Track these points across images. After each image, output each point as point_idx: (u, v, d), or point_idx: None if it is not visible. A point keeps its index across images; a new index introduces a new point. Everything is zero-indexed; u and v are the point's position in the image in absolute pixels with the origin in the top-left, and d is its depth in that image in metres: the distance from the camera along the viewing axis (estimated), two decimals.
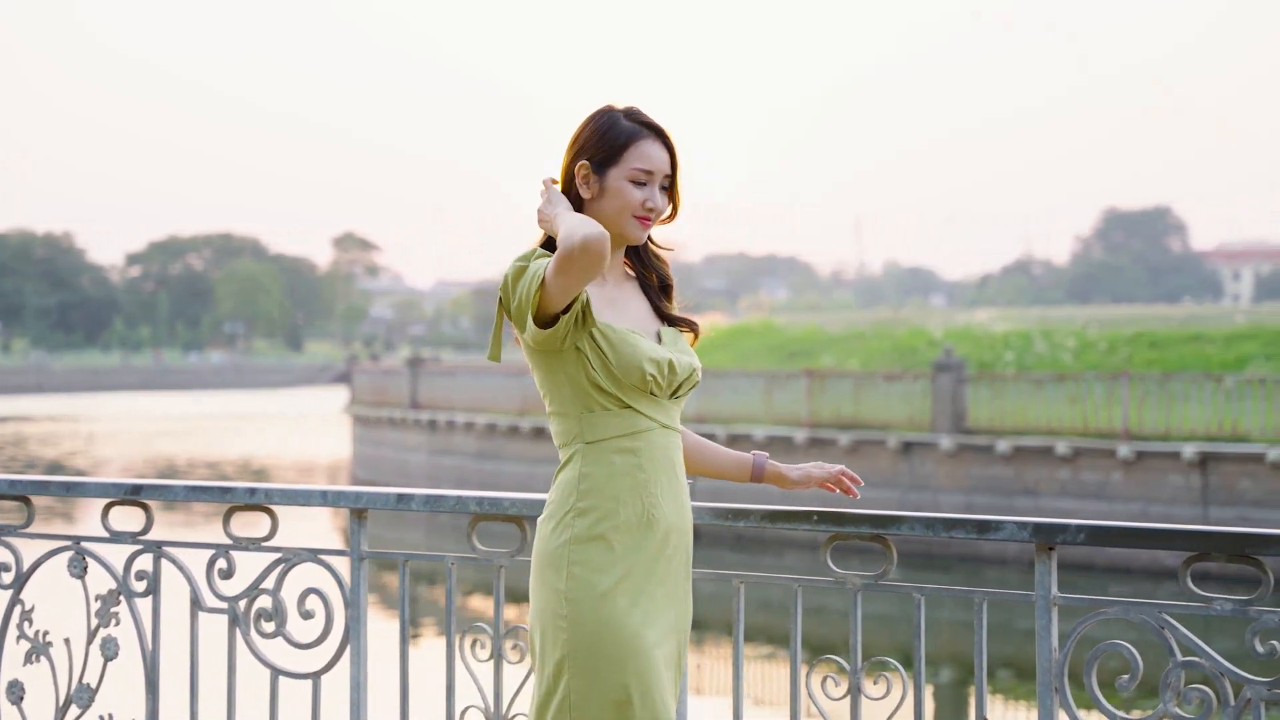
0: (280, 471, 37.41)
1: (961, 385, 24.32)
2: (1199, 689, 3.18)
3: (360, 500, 3.90)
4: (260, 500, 4.00)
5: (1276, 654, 3.11)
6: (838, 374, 26.50)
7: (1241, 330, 28.54)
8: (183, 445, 44.91)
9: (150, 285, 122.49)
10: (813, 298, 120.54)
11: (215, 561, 4.03)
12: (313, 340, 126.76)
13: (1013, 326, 32.87)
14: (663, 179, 3.20)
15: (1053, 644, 3.31)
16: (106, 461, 39.65)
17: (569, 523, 3.10)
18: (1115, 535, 3.24)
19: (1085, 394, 23.37)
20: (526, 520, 3.76)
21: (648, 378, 3.10)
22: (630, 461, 3.11)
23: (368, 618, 3.93)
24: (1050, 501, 23.11)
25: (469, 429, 31.60)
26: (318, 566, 3.98)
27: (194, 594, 4.08)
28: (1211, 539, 3.15)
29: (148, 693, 4.13)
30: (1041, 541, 3.31)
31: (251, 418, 60.89)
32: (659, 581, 3.12)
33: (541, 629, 3.09)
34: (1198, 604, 3.18)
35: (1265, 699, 3.13)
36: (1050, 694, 3.31)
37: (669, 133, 3.22)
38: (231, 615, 4.03)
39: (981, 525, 3.36)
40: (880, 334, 32.87)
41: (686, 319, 3.32)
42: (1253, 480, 21.35)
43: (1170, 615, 3.22)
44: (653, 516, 3.11)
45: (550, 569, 3.09)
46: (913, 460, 24.48)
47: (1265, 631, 3.12)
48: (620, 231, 3.20)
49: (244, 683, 4.09)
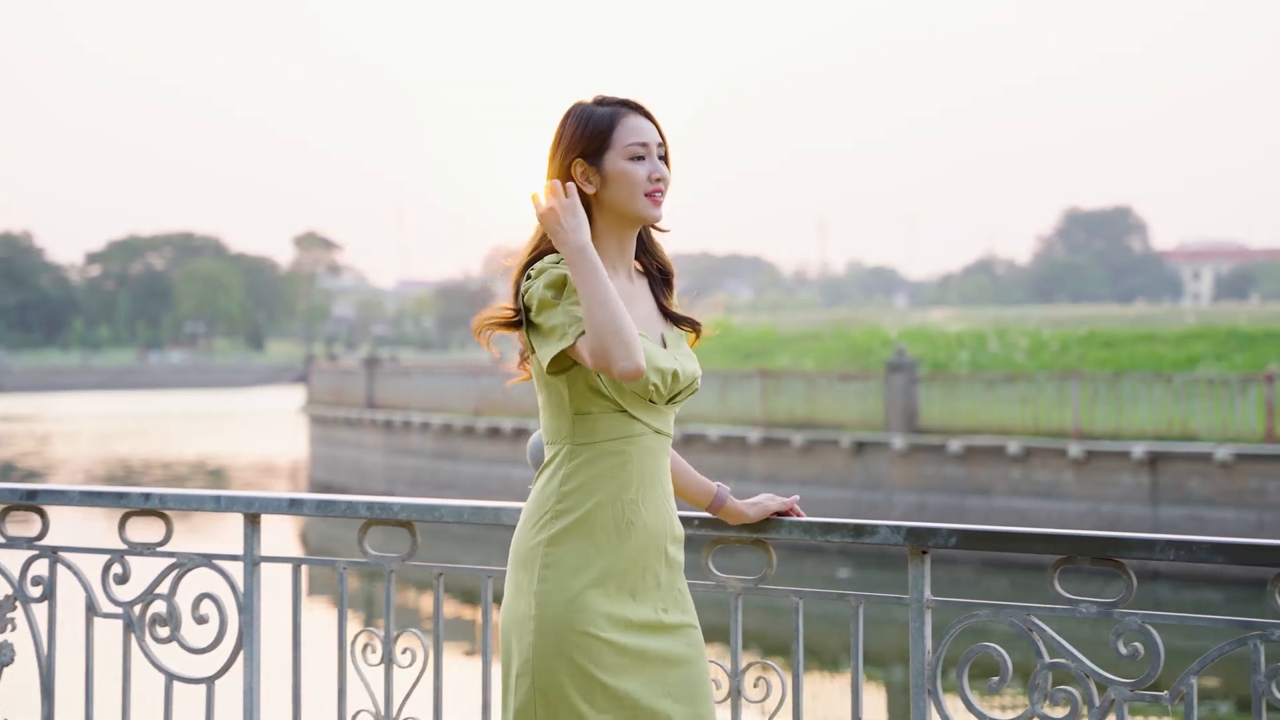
0: (237, 472, 37.30)
1: (914, 385, 24.44)
2: (1066, 690, 3.23)
3: (253, 505, 3.92)
4: (155, 505, 4.02)
5: (1139, 655, 3.17)
6: (792, 374, 26.60)
7: (1193, 330, 28.78)
8: (139, 446, 44.70)
9: (110, 284, 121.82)
10: (776, 297, 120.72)
11: (111, 567, 4.04)
12: (275, 340, 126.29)
13: (968, 326, 33.05)
14: (658, 149, 3.14)
15: (926, 646, 3.36)
16: (61, 462, 39.43)
17: (545, 523, 3.04)
18: (985, 539, 3.29)
19: (1037, 394, 23.51)
20: (417, 524, 3.79)
21: (650, 386, 3.05)
22: (616, 464, 3.04)
23: (261, 622, 3.95)
24: (1002, 501, 23.25)
25: (425, 429, 31.59)
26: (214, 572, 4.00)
27: (89, 599, 4.09)
28: (1076, 542, 3.20)
29: (43, 699, 4.14)
30: (914, 545, 3.36)
31: (211, 417, 60.66)
32: (637, 588, 3.04)
33: (509, 629, 3.03)
34: (1064, 606, 3.24)
35: (1128, 700, 3.19)
36: (924, 695, 3.36)
37: (645, 104, 3.17)
38: (126, 621, 4.05)
39: (857, 529, 3.40)
40: (836, 334, 33.01)
41: (690, 319, 3.25)
42: (1202, 479, 21.53)
43: (1038, 617, 3.27)
44: (630, 522, 3.04)
45: (522, 570, 3.03)
46: (866, 460, 24.58)
47: (1129, 634, 3.17)
48: (636, 213, 3.12)
49: (139, 688, 4.10)
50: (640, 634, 3.03)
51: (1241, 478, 21.15)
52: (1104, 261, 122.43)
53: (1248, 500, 21.04)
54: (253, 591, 3.93)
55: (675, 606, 3.11)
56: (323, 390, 38.18)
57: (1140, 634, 3.17)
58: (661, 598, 3.09)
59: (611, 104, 3.14)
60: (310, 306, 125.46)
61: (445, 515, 3.75)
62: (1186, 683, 3.14)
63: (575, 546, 3.01)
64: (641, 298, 3.19)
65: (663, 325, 3.21)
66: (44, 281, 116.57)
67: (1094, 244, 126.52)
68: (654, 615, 3.06)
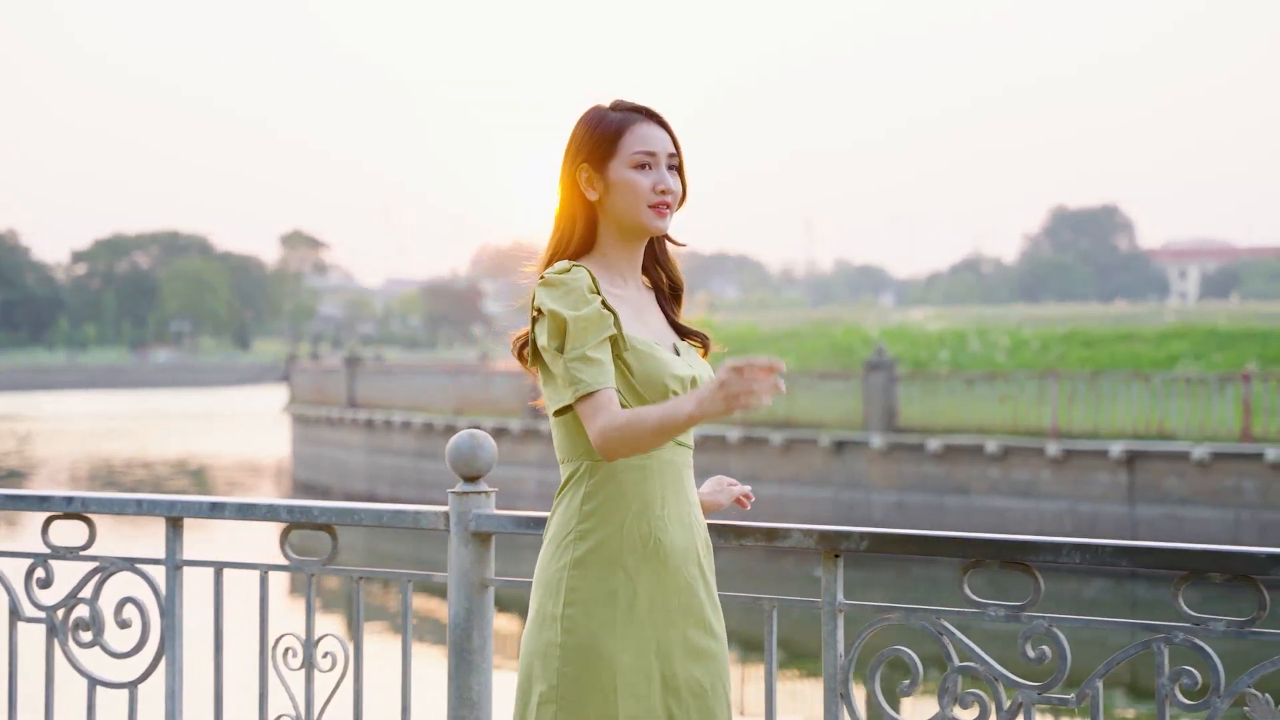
0: (219, 472, 37.23)
1: (893, 384, 24.46)
2: (975, 693, 3.23)
3: (175, 509, 3.91)
4: (77, 509, 4.01)
5: (1046, 659, 3.17)
6: None
7: (1172, 329, 28.84)
8: (121, 445, 44.62)
9: (96, 283, 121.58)
10: (762, 296, 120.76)
11: (34, 571, 4.03)
12: (261, 338, 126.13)
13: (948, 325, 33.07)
14: (668, 159, 3.04)
15: (839, 650, 3.36)
16: (41, 462, 39.35)
17: (570, 545, 2.93)
18: (894, 542, 3.29)
19: (1016, 393, 23.54)
20: (337, 528, 3.78)
21: (670, 394, 2.94)
22: (637, 479, 2.93)
23: (184, 626, 3.94)
24: (981, 500, 23.27)
25: (406, 428, 31.57)
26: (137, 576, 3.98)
27: (12, 603, 4.08)
28: (984, 546, 3.21)
29: None
30: (827, 549, 3.36)
31: (195, 417, 60.56)
32: (669, 609, 2.93)
33: (533, 656, 2.92)
34: (973, 610, 3.24)
35: (1035, 703, 3.19)
36: (836, 699, 3.35)
37: (661, 113, 3.06)
38: (50, 625, 4.04)
39: (770, 533, 3.40)
40: (817, 333, 33.01)
41: (698, 332, 3.17)
42: (1179, 478, 21.57)
43: (948, 620, 3.27)
44: (659, 540, 2.93)
45: (548, 595, 2.92)
46: (845, 459, 24.60)
47: (1035, 637, 3.18)
48: (639, 225, 3.02)
49: (62, 693, 4.09)
50: (670, 661, 2.92)
51: (1218, 477, 21.19)
52: (1090, 260, 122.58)
53: (1224, 499, 21.08)
54: (175, 595, 3.92)
55: (705, 627, 2.98)
56: (304, 389, 38.14)
57: (1047, 637, 3.17)
58: (696, 617, 2.97)
59: (625, 110, 3.04)
60: (297, 305, 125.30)
61: (365, 519, 3.75)
62: (1092, 685, 3.14)
63: (602, 570, 2.90)
64: (649, 310, 3.11)
65: (673, 336, 3.12)
66: (30, 280, 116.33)
67: (1081, 243, 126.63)
68: (684, 639, 2.95)
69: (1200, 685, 3.03)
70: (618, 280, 3.05)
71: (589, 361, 2.87)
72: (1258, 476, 20.90)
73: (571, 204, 3.04)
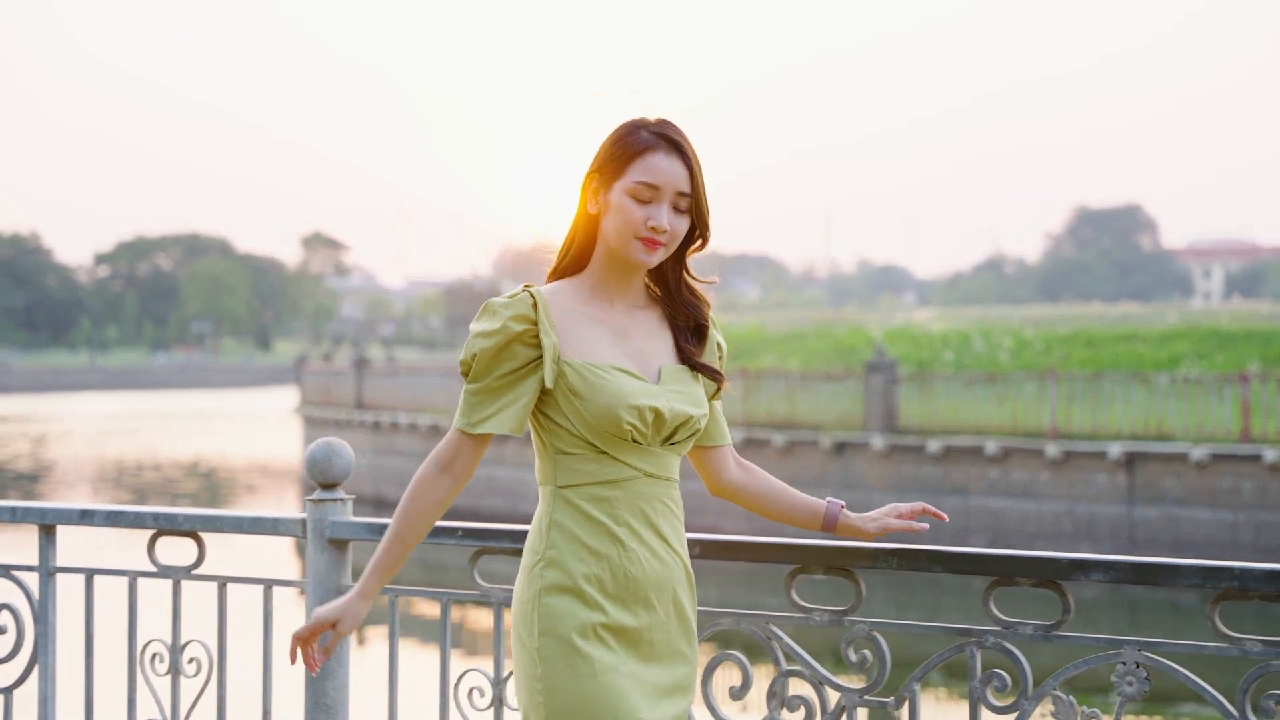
0: (231, 473, 37.40)
1: (893, 385, 24.46)
2: (801, 696, 3.28)
3: (46, 516, 3.97)
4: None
5: (868, 662, 3.22)
6: (772, 374, 26.62)
7: (1174, 330, 28.75)
8: (134, 446, 44.83)
9: (118, 285, 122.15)
10: (783, 295, 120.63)
11: None
12: (281, 339, 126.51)
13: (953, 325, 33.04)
14: (675, 198, 2.87)
15: None
16: (52, 463, 39.58)
17: (539, 573, 2.83)
18: (723, 548, 3.33)
19: (1015, 394, 23.51)
20: (202, 534, 3.85)
21: (625, 426, 2.80)
22: (604, 511, 2.82)
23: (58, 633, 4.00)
24: (979, 501, 23.26)
25: (412, 429, 31.68)
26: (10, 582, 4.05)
27: None
28: (809, 552, 3.25)
29: None
30: None
31: (211, 417, 60.80)
32: (642, 642, 2.83)
33: (521, 687, 2.84)
34: (799, 614, 3.29)
35: (858, 705, 3.24)
36: None
37: (690, 147, 2.89)
38: None
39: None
40: (821, 334, 33.01)
41: (709, 368, 2.97)
42: (1177, 479, 21.54)
43: (776, 625, 3.31)
44: (628, 573, 2.82)
45: (523, 626, 2.82)
46: (845, 460, 24.61)
47: (858, 641, 3.23)
48: (622, 253, 2.88)
49: None
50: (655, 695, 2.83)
51: (1216, 478, 21.15)
52: (1113, 260, 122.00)
53: (1222, 500, 21.05)
54: (48, 602, 3.99)
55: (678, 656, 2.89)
56: (314, 391, 38.30)
57: (868, 641, 3.22)
58: (669, 651, 2.88)
59: (654, 133, 2.88)
60: (317, 306, 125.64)
61: (226, 526, 3.82)
62: (910, 689, 3.19)
63: (571, 597, 2.80)
64: (642, 328, 2.95)
65: (671, 359, 2.95)
66: (51, 282, 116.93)
67: (1103, 242, 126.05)
68: (659, 678, 2.85)
69: (1010, 687, 3.08)
70: (601, 300, 2.94)
71: (474, 399, 2.86)
72: (1255, 478, 20.85)
73: (579, 211, 2.96)
